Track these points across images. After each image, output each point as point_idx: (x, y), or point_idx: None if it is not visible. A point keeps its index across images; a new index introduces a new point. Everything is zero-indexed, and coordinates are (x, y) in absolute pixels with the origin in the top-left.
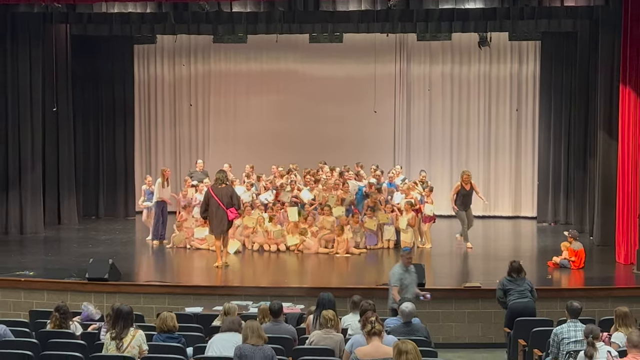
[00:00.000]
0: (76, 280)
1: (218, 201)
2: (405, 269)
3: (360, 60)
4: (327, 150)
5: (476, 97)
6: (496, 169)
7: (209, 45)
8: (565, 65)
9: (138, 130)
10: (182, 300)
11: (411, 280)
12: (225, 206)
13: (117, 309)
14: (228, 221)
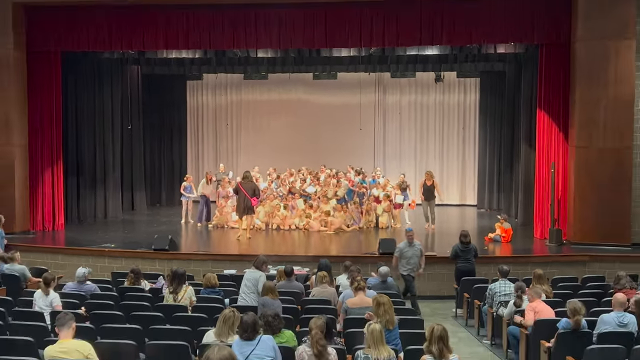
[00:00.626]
0: (145, 250)
1: (245, 192)
2: (409, 244)
3: (349, 92)
4: (326, 156)
5: (433, 119)
6: (448, 170)
7: (240, 81)
8: (497, 96)
9: (189, 143)
10: (221, 265)
11: (412, 254)
12: (250, 196)
13: (174, 271)
14: (251, 206)
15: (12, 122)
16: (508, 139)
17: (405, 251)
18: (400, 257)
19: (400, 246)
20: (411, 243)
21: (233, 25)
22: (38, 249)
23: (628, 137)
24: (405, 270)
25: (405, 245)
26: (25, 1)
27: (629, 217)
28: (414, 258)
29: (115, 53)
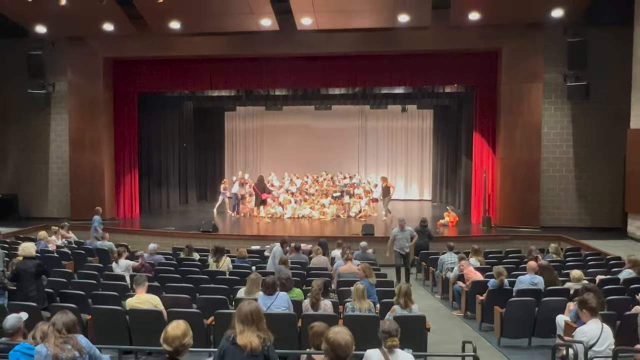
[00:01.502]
0: (195, 232)
1: (257, 191)
2: (400, 230)
3: (341, 119)
4: (324, 165)
5: (401, 139)
6: (411, 175)
7: (262, 112)
8: (446, 122)
9: (226, 154)
10: (248, 242)
11: (402, 237)
12: (260, 192)
13: (216, 247)
14: (262, 200)
15: (102, 142)
16: (453, 152)
17: (397, 236)
18: (394, 240)
19: (394, 232)
20: (402, 229)
21: (258, 72)
22: (121, 231)
23: (537, 151)
24: (398, 249)
25: (397, 231)
26: (112, 56)
27: (538, 208)
28: (403, 241)
29: (175, 92)
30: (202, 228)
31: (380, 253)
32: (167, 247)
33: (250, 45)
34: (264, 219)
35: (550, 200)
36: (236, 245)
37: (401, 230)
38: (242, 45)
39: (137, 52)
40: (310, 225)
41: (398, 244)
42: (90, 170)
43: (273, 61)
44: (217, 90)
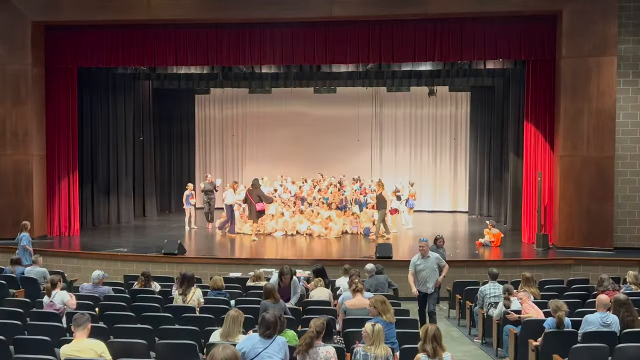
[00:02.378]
0: (155, 254)
1: (250, 199)
2: (421, 257)
3: (348, 105)
4: (324, 166)
5: (427, 130)
6: (441, 178)
7: (245, 95)
8: (487, 109)
9: (197, 152)
10: (226, 268)
11: (425, 266)
12: (255, 202)
13: (183, 274)
14: (257, 211)
15: (31, 134)
16: (497, 149)
17: (418, 265)
18: (415, 273)
19: (414, 260)
20: (425, 255)
21: (239, 43)
22: (55, 253)
23: (610, 147)
24: (422, 288)
25: (418, 258)
26: (43, 20)
27: (612, 223)
28: (428, 272)
29: (128, 69)
30: (165, 249)
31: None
32: (117, 275)
33: (229, 7)
34: (251, 237)
35: (629, 213)
36: (210, 273)
37: (423, 258)
38: (218, 6)
39: (78, 14)
40: (308, 244)
41: (420, 278)
42: (13, 173)
43: (259, 28)
44: (184, 67)
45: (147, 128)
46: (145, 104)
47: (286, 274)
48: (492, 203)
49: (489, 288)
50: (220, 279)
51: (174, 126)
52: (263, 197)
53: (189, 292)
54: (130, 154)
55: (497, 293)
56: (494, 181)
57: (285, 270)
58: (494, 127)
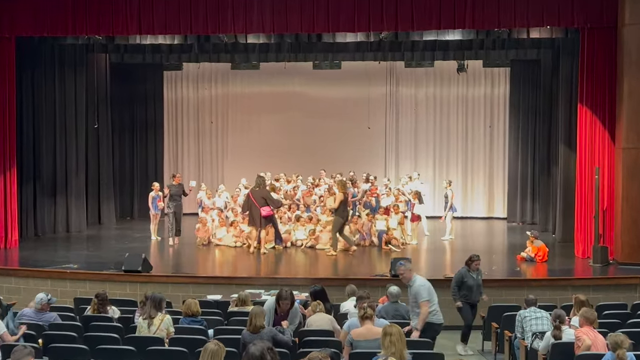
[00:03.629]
0: (114, 272)
1: (254, 201)
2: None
3: (355, 84)
4: (326, 160)
5: (455, 115)
6: (472, 176)
7: (227, 71)
8: (531, 88)
9: (166, 143)
10: (204, 289)
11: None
12: (259, 205)
13: (148, 296)
14: (261, 217)
15: None
16: (544, 139)
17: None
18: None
19: (462, 272)
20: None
21: (219, 6)
22: None
23: None
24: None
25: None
26: None
27: None
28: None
29: (80, 39)
30: (126, 266)
31: None
32: (66, 297)
33: None
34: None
35: None
36: (183, 295)
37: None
38: None
39: None
40: (306, 258)
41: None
42: None
43: None
44: (149, 36)
45: (104, 113)
46: (101, 83)
47: (285, 299)
48: (538, 207)
49: (529, 312)
50: (196, 302)
51: (138, 111)
52: (270, 200)
53: (155, 319)
54: (82, 146)
55: (542, 321)
56: (539, 180)
57: (285, 294)
58: (539, 112)
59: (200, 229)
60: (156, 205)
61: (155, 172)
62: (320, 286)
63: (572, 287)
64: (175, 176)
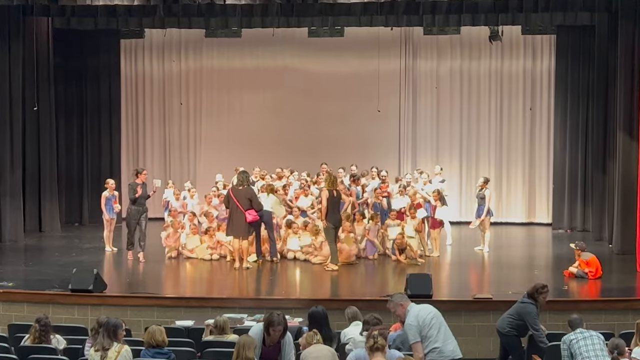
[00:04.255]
0: (58, 292)
1: (237, 203)
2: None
3: (362, 56)
4: (327, 151)
5: (487, 95)
6: (508, 171)
7: (200, 39)
8: (582, 61)
9: (125, 130)
10: (171, 313)
11: None
12: (243, 208)
13: (101, 322)
14: (246, 223)
15: None
16: (598, 125)
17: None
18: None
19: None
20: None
21: None
22: None
23: None
24: None
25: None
26: None
27: None
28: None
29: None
30: (73, 284)
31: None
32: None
33: None
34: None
35: None
36: (145, 320)
37: None
38: None
39: None
40: (300, 275)
41: None
42: None
43: None
44: None
45: (45, 93)
46: (42, 54)
47: (278, 324)
48: (590, 211)
49: (577, 335)
50: (161, 330)
51: (88, 89)
52: (255, 202)
53: (111, 352)
54: (19, 134)
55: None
56: (593, 177)
57: (277, 318)
58: (592, 92)
59: (170, 236)
60: (111, 207)
61: (111, 167)
62: (322, 307)
63: (633, 311)
64: (141, 173)
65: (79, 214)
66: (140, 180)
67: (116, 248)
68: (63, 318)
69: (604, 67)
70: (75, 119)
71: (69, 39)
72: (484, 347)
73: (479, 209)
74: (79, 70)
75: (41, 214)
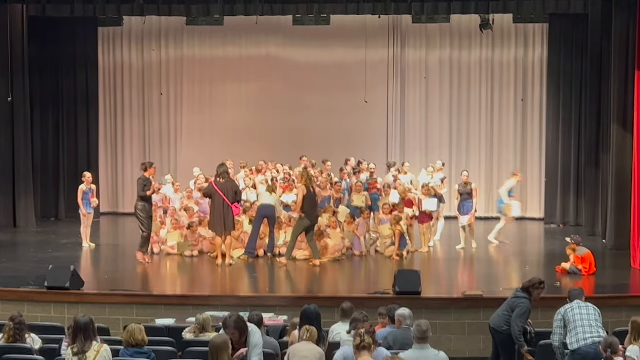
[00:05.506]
0: (34, 289)
1: (223, 196)
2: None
3: (349, 45)
4: (313, 144)
5: (477, 85)
6: (499, 165)
7: (181, 28)
8: (575, 50)
9: (103, 121)
10: (151, 311)
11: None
12: (230, 201)
13: (78, 321)
14: (233, 217)
15: None
16: (591, 117)
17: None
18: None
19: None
20: None
21: None
22: None
23: None
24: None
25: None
26: None
27: None
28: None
29: None
30: (49, 281)
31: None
32: None
33: None
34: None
35: None
36: (124, 319)
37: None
38: None
39: None
40: (284, 271)
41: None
42: None
43: None
44: None
45: (19, 83)
46: (16, 43)
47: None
48: (583, 205)
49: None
50: (141, 329)
51: (64, 79)
52: (239, 194)
53: (89, 351)
54: None
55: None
56: (586, 170)
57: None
58: (585, 82)
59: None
60: (88, 202)
61: (88, 160)
62: (314, 306)
63: (627, 308)
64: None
65: (55, 208)
66: (149, 174)
67: (94, 244)
68: (39, 317)
69: (597, 56)
70: (51, 111)
71: (45, 27)
72: (474, 345)
73: (466, 205)
74: (55, 59)
75: (16, 208)
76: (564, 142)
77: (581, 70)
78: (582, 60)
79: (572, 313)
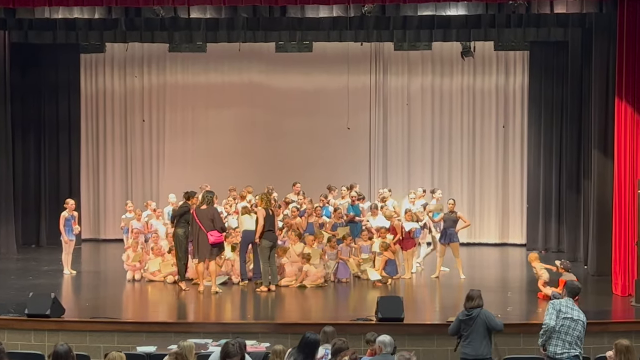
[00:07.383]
0: (14, 317)
1: (199, 224)
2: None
3: (331, 72)
4: (295, 170)
5: (459, 112)
6: (481, 191)
7: (164, 54)
8: (555, 77)
9: (85, 148)
10: (133, 339)
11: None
12: (206, 229)
13: (57, 350)
14: (209, 245)
15: None
16: (572, 143)
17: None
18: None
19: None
20: None
21: None
22: None
23: None
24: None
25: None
26: None
27: None
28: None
29: None
30: (30, 309)
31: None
32: None
33: None
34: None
35: None
36: (105, 346)
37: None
38: None
39: None
40: (266, 298)
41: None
42: None
43: None
44: (62, 8)
45: (1, 109)
46: None
47: (233, 356)
48: (565, 231)
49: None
50: (122, 356)
51: (47, 106)
52: (217, 222)
53: None
54: None
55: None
56: (567, 196)
57: (232, 349)
58: (566, 109)
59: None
60: (70, 228)
61: (70, 186)
62: (316, 335)
63: (608, 334)
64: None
65: (36, 235)
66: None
67: (75, 271)
68: (19, 344)
69: (577, 84)
70: (32, 137)
71: (27, 54)
72: None
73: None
74: (37, 86)
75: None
76: (545, 169)
77: (562, 97)
78: (563, 87)
79: (561, 323)
